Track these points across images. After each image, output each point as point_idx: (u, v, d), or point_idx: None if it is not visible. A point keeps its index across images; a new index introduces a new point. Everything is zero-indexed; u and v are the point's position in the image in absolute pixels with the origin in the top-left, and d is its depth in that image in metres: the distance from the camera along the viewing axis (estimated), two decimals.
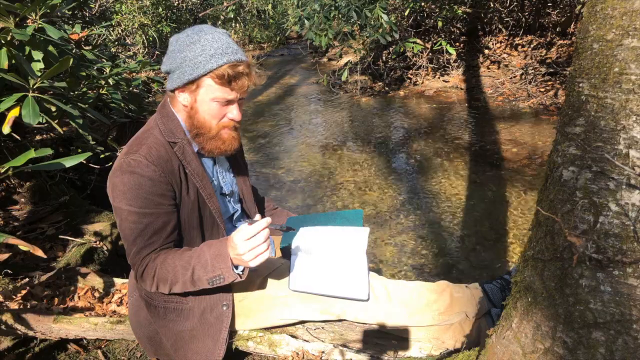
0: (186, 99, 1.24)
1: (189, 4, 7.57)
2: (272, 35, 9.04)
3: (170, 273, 1.20)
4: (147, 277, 1.23)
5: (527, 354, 0.97)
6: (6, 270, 1.80)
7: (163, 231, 1.23)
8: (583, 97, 0.83)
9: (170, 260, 1.21)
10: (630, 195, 0.79)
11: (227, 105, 1.25)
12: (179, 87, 1.23)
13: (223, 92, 1.21)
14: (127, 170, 1.18)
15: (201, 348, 1.32)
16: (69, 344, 1.68)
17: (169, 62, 1.24)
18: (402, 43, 4.85)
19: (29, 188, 2.33)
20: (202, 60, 1.17)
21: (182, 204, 1.27)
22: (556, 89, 4.77)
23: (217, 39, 1.19)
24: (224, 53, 1.18)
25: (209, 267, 1.18)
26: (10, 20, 1.53)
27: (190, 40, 1.20)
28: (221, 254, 1.18)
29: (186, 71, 1.19)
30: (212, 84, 1.20)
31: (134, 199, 1.18)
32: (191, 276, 1.19)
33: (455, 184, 3.25)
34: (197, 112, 1.24)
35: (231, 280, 1.19)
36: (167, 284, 1.22)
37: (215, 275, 1.19)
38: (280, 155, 4.00)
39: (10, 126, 1.47)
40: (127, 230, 1.22)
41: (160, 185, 1.20)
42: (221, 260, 1.18)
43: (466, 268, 2.39)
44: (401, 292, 1.39)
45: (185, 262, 1.20)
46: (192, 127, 1.27)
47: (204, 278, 1.19)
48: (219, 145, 1.29)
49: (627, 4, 0.76)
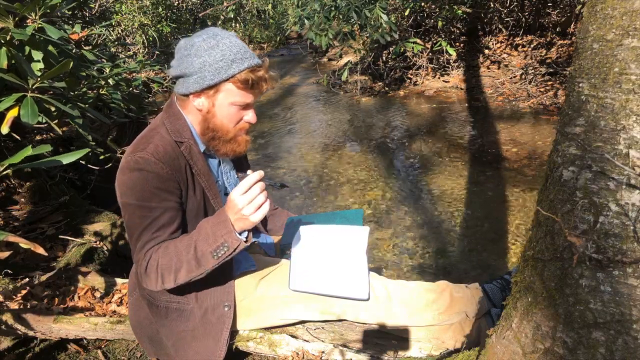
0: (202, 104, 1.24)
1: (189, 4, 7.56)
2: (272, 35, 9.05)
3: (173, 257, 1.18)
4: (151, 271, 1.19)
5: (527, 354, 0.97)
6: (6, 270, 1.80)
7: (168, 227, 1.23)
8: (583, 97, 0.83)
9: (172, 245, 1.20)
10: (630, 195, 0.79)
11: (245, 109, 1.26)
12: (195, 92, 1.22)
13: (243, 96, 1.22)
14: (135, 167, 1.19)
15: (202, 348, 1.32)
16: (69, 344, 1.68)
17: (183, 66, 1.21)
18: (402, 43, 4.85)
19: (29, 188, 2.33)
20: (224, 66, 1.17)
21: (188, 202, 1.27)
22: (556, 89, 4.77)
23: (235, 44, 1.19)
24: (244, 58, 1.19)
25: (211, 238, 1.16)
26: (10, 20, 1.53)
27: (208, 45, 1.19)
28: (220, 220, 1.16)
29: (206, 77, 1.18)
30: (233, 88, 1.20)
31: (141, 193, 1.18)
32: (194, 253, 1.16)
33: (455, 184, 3.25)
34: (214, 116, 1.25)
35: (235, 246, 1.16)
36: (172, 272, 1.18)
37: (218, 245, 1.15)
38: (280, 155, 4.00)
39: (9, 126, 1.47)
40: (133, 226, 1.22)
41: (167, 182, 1.20)
42: (222, 227, 1.15)
43: (466, 268, 2.39)
44: (401, 292, 1.40)
45: (186, 242, 1.18)
46: (206, 130, 1.27)
47: (208, 251, 1.16)
48: (234, 148, 1.30)
49: (627, 4, 0.76)
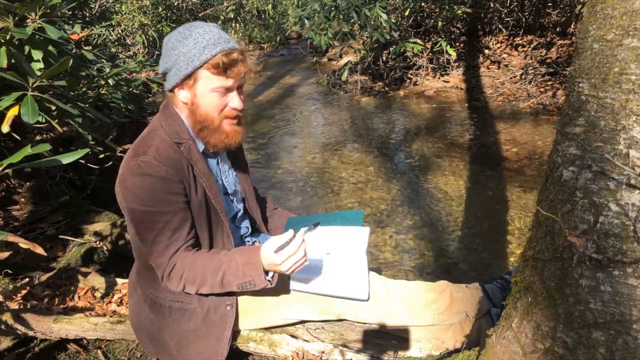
0: (186, 96, 1.24)
1: (189, 4, 7.56)
2: (272, 35, 9.04)
3: (199, 275, 1.22)
4: (175, 277, 1.23)
5: (527, 354, 0.97)
6: (6, 270, 1.79)
7: (182, 229, 1.24)
8: (583, 97, 0.83)
9: (200, 263, 1.23)
10: (630, 195, 0.79)
11: (227, 94, 1.24)
12: (177, 85, 1.23)
13: (221, 81, 1.21)
14: (138, 172, 1.18)
15: (204, 348, 1.33)
16: (69, 344, 1.68)
17: (164, 62, 1.24)
18: (402, 43, 4.85)
19: (29, 188, 2.33)
20: (196, 53, 1.17)
21: (192, 203, 1.28)
22: (556, 89, 4.77)
23: (208, 32, 1.20)
24: (216, 43, 1.18)
25: (240, 273, 1.21)
26: (10, 20, 1.53)
27: (182, 36, 1.20)
28: (252, 261, 1.21)
29: (182, 67, 1.19)
30: (208, 74, 1.19)
31: (149, 199, 1.18)
32: (221, 280, 1.22)
33: (455, 184, 3.25)
34: (198, 107, 1.24)
35: (262, 286, 1.22)
36: (195, 285, 1.24)
37: (246, 281, 1.22)
38: (280, 155, 4.00)
39: (9, 125, 1.47)
40: (145, 232, 1.22)
41: (173, 184, 1.20)
42: (252, 268, 1.21)
43: (466, 268, 2.39)
44: (401, 291, 1.39)
45: (214, 267, 1.22)
46: (195, 122, 1.27)
47: (235, 283, 1.22)
48: (222, 138, 1.28)
49: (627, 4, 0.76)
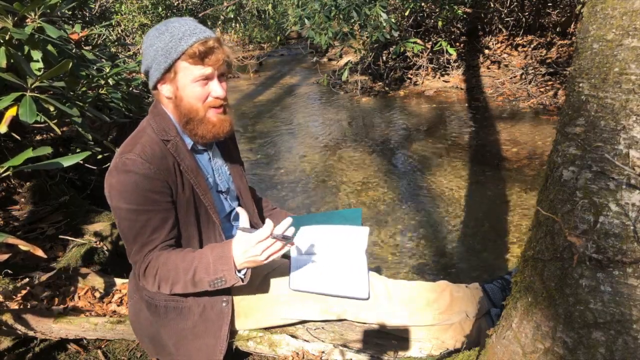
0: (169, 90, 1.25)
1: (189, 4, 7.56)
2: (272, 35, 9.03)
3: (172, 273, 1.21)
4: (149, 275, 1.23)
5: (527, 354, 0.97)
6: (6, 270, 1.79)
7: (162, 228, 1.23)
8: (583, 97, 0.83)
9: (173, 261, 1.22)
10: (630, 195, 0.79)
11: (207, 82, 1.24)
12: (159, 80, 1.24)
13: (199, 69, 1.21)
14: (123, 169, 1.19)
15: (203, 345, 1.33)
16: (69, 344, 1.68)
17: (145, 60, 1.24)
18: (402, 43, 4.85)
19: (29, 188, 2.32)
20: (173, 46, 1.18)
21: (179, 201, 1.27)
22: (556, 89, 4.77)
23: (183, 24, 1.20)
24: (192, 33, 1.19)
25: (211, 270, 1.19)
26: (9, 20, 1.53)
27: (159, 32, 1.21)
28: (224, 256, 1.19)
29: (161, 61, 1.20)
30: (187, 65, 1.20)
31: (131, 197, 1.19)
32: (192, 278, 1.21)
33: (455, 184, 3.25)
34: (182, 100, 1.24)
35: (232, 283, 1.21)
36: (169, 284, 1.23)
37: (216, 278, 1.20)
38: (280, 155, 4.00)
39: (7, 125, 1.47)
40: (126, 229, 1.23)
41: (156, 182, 1.21)
42: (224, 263, 1.19)
43: (466, 268, 2.39)
44: (401, 291, 1.39)
45: (187, 264, 1.21)
46: (180, 116, 1.27)
47: (206, 280, 1.20)
48: (209, 129, 1.28)
49: (627, 4, 0.75)
